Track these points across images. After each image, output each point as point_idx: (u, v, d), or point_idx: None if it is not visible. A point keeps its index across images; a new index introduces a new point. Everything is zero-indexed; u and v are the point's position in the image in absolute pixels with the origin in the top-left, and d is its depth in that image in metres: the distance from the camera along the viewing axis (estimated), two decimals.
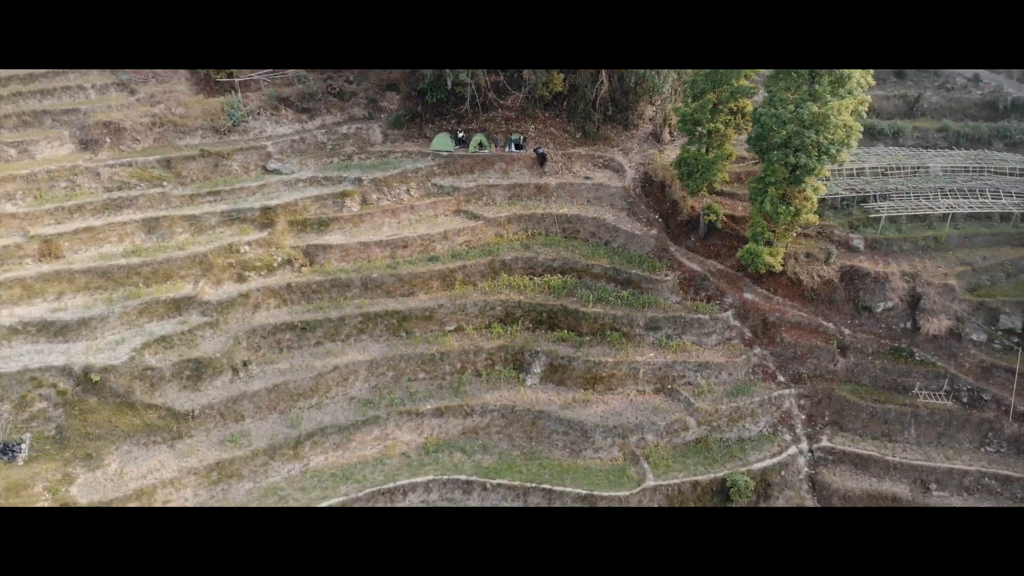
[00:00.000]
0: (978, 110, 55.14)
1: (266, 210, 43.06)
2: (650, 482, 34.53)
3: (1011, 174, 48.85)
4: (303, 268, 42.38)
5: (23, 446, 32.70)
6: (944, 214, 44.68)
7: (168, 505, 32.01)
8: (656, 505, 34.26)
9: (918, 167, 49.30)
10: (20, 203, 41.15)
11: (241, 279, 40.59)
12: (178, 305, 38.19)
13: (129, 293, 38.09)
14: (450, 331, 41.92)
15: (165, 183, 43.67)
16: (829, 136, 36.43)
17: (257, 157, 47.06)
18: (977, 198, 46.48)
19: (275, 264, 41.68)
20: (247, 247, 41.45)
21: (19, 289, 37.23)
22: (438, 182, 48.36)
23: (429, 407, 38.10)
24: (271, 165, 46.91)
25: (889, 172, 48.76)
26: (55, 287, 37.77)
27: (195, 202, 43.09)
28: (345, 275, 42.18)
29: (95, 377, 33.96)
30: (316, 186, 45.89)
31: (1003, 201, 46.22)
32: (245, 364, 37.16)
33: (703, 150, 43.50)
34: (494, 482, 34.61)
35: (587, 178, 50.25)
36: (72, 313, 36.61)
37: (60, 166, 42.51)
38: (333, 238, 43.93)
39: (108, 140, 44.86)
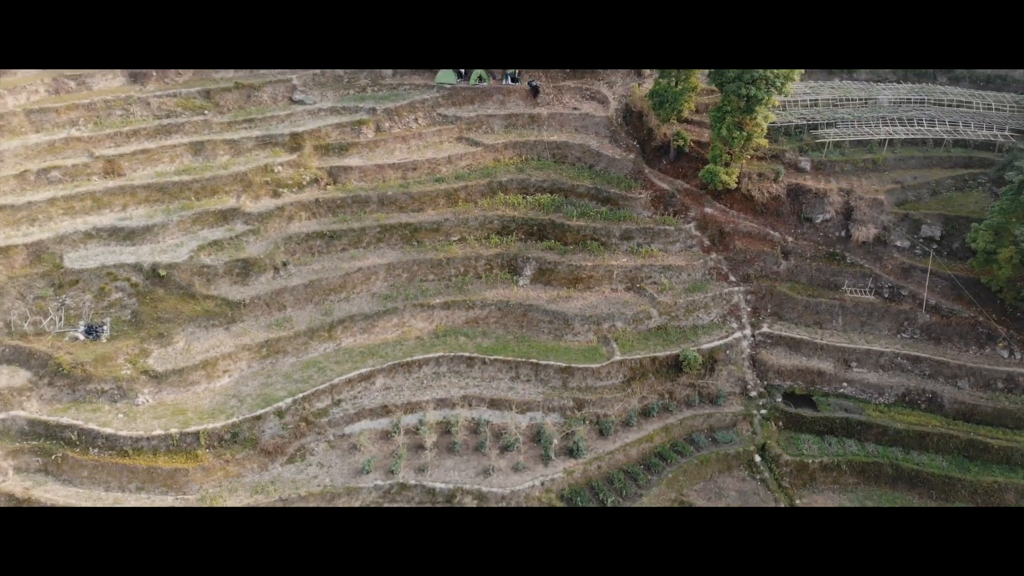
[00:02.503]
0: None
1: (294, 135, 48.50)
2: (617, 357, 41.07)
3: (949, 105, 54.09)
4: (328, 186, 48.08)
5: (105, 327, 39.14)
6: (883, 140, 50.19)
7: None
8: (622, 377, 40.92)
9: (867, 99, 54.47)
10: (83, 128, 46.65)
11: (276, 195, 46.38)
12: (225, 215, 44.12)
13: (183, 205, 44.00)
14: (454, 241, 47.73)
15: (206, 112, 49.08)
16: (775, 70, 41.72)
17: (284, 89, 52.26)
18: (914, 126, 51.86)
19: (304, 182, 47.40)
20: (280, 167, 47.10)
21: (90, 201, 43.18)
22: (442, 112, 53.54)
23: (438, 301, 44.07)
24: (296, 96, 52.14)
25: (841, 103, 53.97)
26: (120, 200, 43.69)
27: (233, 128, 48.56)
28: (364, 193, 47.84)
29: (162, 272, 40.17)
30: (336, 115, 51.18)
31: (937, 129, 51.60)
32: (284, 264, 43.30)
33: (672, 83, 48.67)
34: (491, 357, 41.06)
35: (575, 109, 55.35)
36: (137, 221, 42.60)
37: (115, 96, 47.84)
38: (352, 161, 49.43)
39: (154, 73, 50.00)
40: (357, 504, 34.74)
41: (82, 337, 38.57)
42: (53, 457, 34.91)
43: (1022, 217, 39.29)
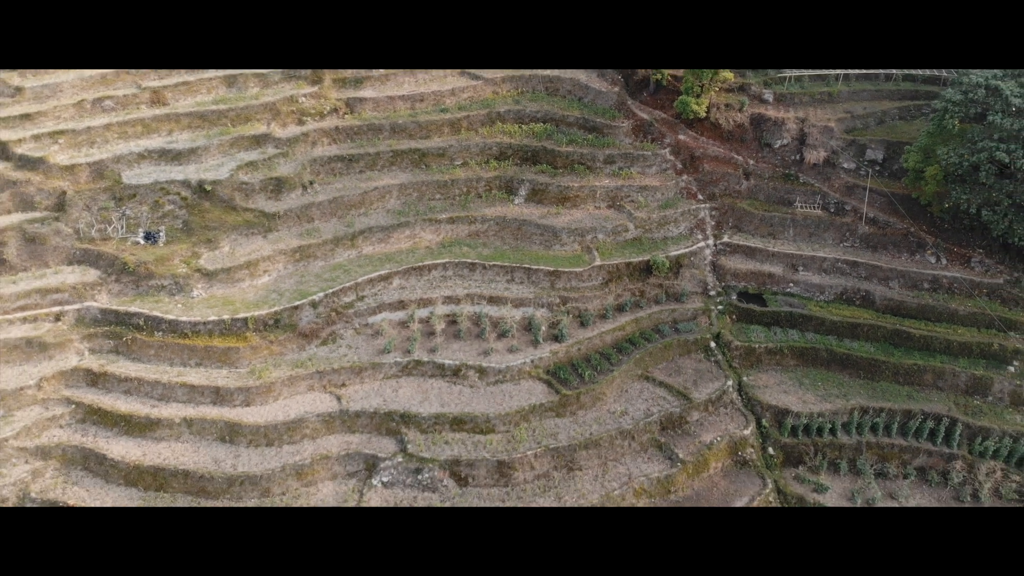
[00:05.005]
0: None
1: (315, 70, 53.08)
2: (597, 263, 46.62)
3: None
4: (346, 115, 52.89)
5: (161, 234, 44.66)
6: (839, 74, 54.81)
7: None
8: (601, 279, 46.61)
9: None
10: None
11: (301, 122, 51.29)
12: (257, 140, 49.11)
13: (221, 131, 48.98)
14: (458, 165, 52.67)
15: None
16: None
17: None
18: None
19: (325, 112, 52.25)
20: (303, 98, 51.89)
21: (140, 127, 48.19)
22: None
23: (444, 217, 49.16)
24: None
25: None
26: (166, 126, 48.69)
27: None
28: (378, 121, 52.64)
29: (207, 188, 45.46)
30: None
31: None
32: (311, 183, 48.55)
33: None
34: (490, 263, 46.61)
35: None
36: (182, 144, 47.67)
37: None
38: (367, 93, 54.08)
39: None
40: (380, 377, 40.93)
41: (142, 242, 44.18)
42: (123, 339, 40.77)
43: (945, 140, 44.36)
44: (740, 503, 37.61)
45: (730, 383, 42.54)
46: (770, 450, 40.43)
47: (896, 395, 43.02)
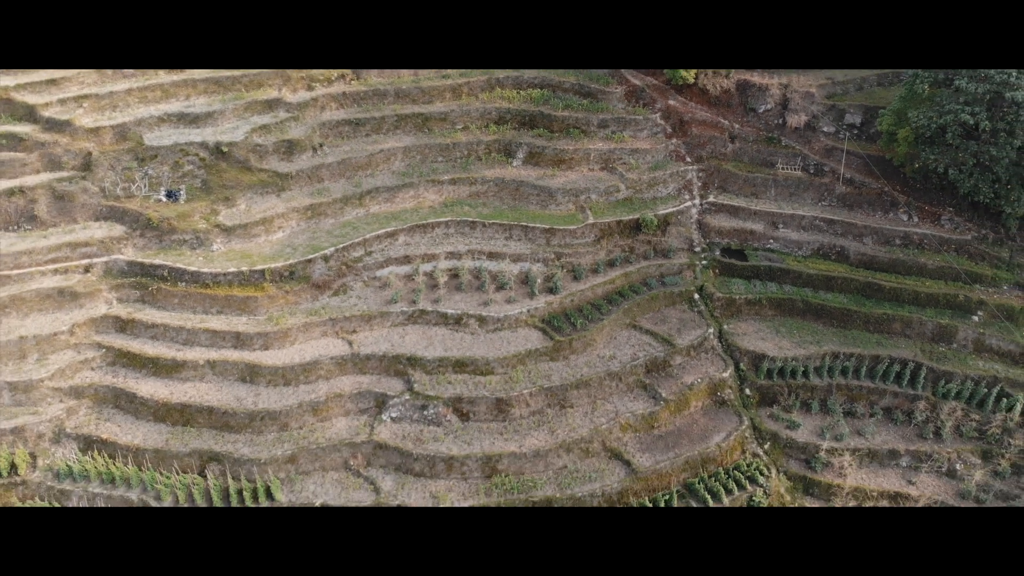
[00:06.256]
0: None
1: None
2: (590, 221, 48.93)
3: None
4: (352, 81, 54.86)
5: (181, 192, 47.02)
6: None
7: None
8: (593, 236, 49.03)
9: None
10: None
11: (310, 88, 53.33)
12: (270, 105, 51.15)
13: (236, 96, 51.03)
14: (459, 129, 54.59)
15: None
16: None
17: None
18: None
19: (333, 78, 54.18)
20: None
21: (159, 92, 50.26)
22: None
23: (446, 178, 51.24)
24: None
25: None
26: (184, 91, 50.75)
27: None
28: (382, 87, 54.60)
29: (224, 149, 47.67)
30: None
31: None
32: (320, 145, 50.72)
33: None
34: (490, 222, 48.96)
35: None
36: (199, 108, 49.76)
37: None
38: None
39: None
40: (388, 324, 43.60)
41: (164, 199, 46.58)
42: (149, 289, 43.27)
43: (916, 103, 46.50)
44: (718, 438, 40.51)
45: (711, 331, 45.24)
46: (747, 391, 43.26)
47: (866, 342, 45.59)
